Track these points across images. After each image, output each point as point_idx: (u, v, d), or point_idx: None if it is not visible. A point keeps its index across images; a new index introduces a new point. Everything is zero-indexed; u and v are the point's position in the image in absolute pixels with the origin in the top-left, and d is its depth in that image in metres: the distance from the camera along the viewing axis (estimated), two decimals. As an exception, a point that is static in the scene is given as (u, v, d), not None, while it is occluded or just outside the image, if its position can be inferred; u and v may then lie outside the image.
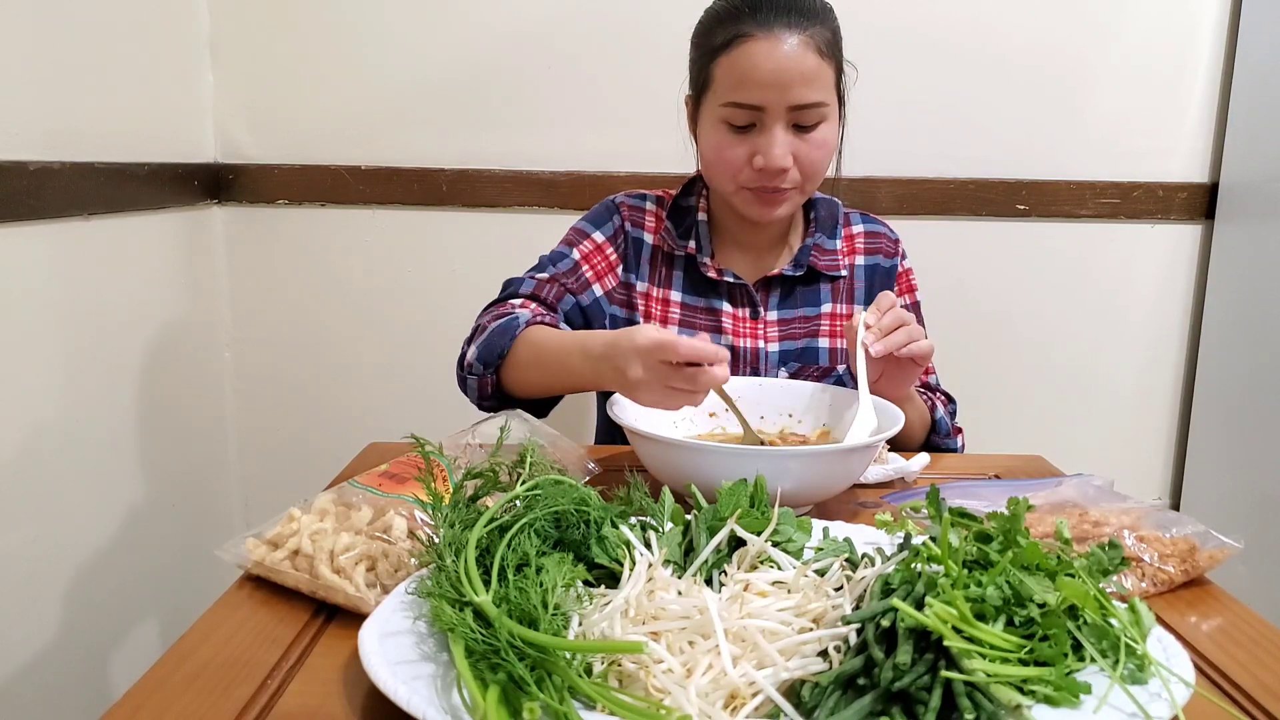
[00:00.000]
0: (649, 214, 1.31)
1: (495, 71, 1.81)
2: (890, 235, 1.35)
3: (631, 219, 1.31)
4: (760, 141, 1.13)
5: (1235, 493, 1.76)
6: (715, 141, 1.16)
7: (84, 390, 1.44)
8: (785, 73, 1.09)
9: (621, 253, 1.30)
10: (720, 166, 1.17)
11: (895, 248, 1.34)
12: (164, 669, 0.62)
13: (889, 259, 1.33)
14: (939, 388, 1.33)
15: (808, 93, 1.10)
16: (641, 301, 1.28)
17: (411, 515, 0.74)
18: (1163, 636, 0.59)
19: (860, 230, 1.34)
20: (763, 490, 0.76)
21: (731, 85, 1.12)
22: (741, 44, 1.10)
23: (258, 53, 1.80)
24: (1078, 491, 0.86)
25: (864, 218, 1.35)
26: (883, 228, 1.35)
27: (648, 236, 1.30)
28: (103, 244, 1.48)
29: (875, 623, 0.55)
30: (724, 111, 1.13)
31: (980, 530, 0.68)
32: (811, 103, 1.11)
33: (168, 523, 1.68)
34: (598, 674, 0.56)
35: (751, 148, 1.13)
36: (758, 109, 1.11)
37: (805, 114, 1.12)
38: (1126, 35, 1.81)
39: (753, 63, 1.10)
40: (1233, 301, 1.80)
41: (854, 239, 1.33)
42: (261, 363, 1.91)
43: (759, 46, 1.09)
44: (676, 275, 1.29)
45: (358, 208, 1.85)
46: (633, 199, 1.32)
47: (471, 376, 1.16)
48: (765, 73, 1.09)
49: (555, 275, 1.25)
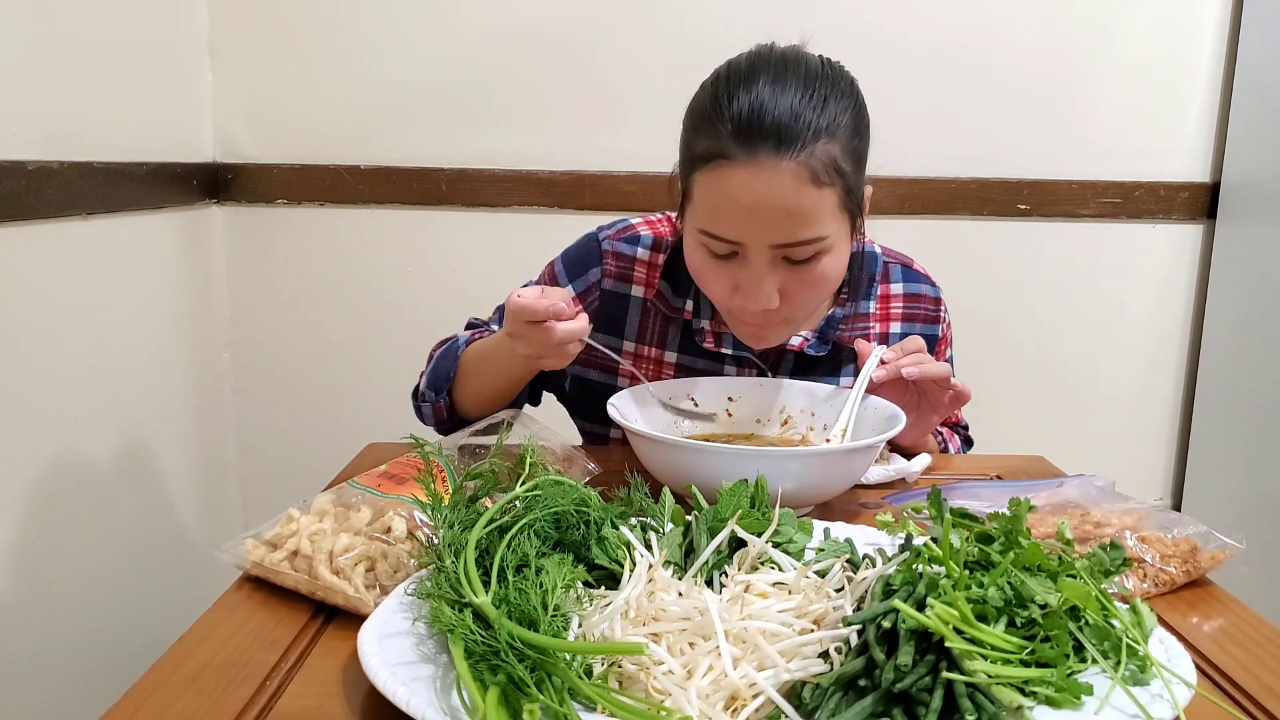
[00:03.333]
0: (639, 263, 1.13)
1: (495, 71, 1.80)
2: (931, 294, 1.17)
3: (617, 271, 1.13)
4: (742, 276, 0.95)
5: (1237, 493, 1.76)
6: (696, 263, 0.99)
7: (83, 390, 1.44)
8: (769, 210, 0.90)
9: (592, 311, 1.12)
10: (703, 286, 1.01)
11: (936, 310, 1.17)
12: (164, 669, 0.62)
13: (929, 325, 1.16)
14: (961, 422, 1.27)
15: (796, 231, 0.91)
16: (629, 362, 1.13)
17: (411, 516, 0.74)
18: (1164, 637, 0.59)
19: (900, 290, 1.15)
20: (763, 491, 0.75)
21: (707, 213, 0.93)
22: (719, 168, 0.90)
23: (258, 53, 1.80)
24: (1079, 492, 0.86)
25: (905, 273, 1.17)
26: (925, 286, 1.17)
27: (636, 290, 1.13)
28: (102, 244, 1.48)
29: (876, 624, 0.55)
30: (702, 237, 0.95)
31: (982, 531, 0.68)
32: (802, 240, 0.92)
33: (167, 523, 1.68)
34: (598, 675, 0.55)
35: (733, 279, 0.96)
36: (736, 243, 0.93)
37: (795, 251, 0.93)
38: (1128, 35, 1.81)
39: (731, 193, 0.90)
40: (1234, 301, 1.80)
41: (890, 300, 1.15)
42: (261, 363, 1.91)
43: (739, 175, 0.89)
44: (672, 333, 1.13)
45: (357, 208, 1.85)
46: (622, 243, 1.14)
47: (425, 404, 1.14)
48: (743, 207, 0.90)
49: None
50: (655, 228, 1.16)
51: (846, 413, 1.00)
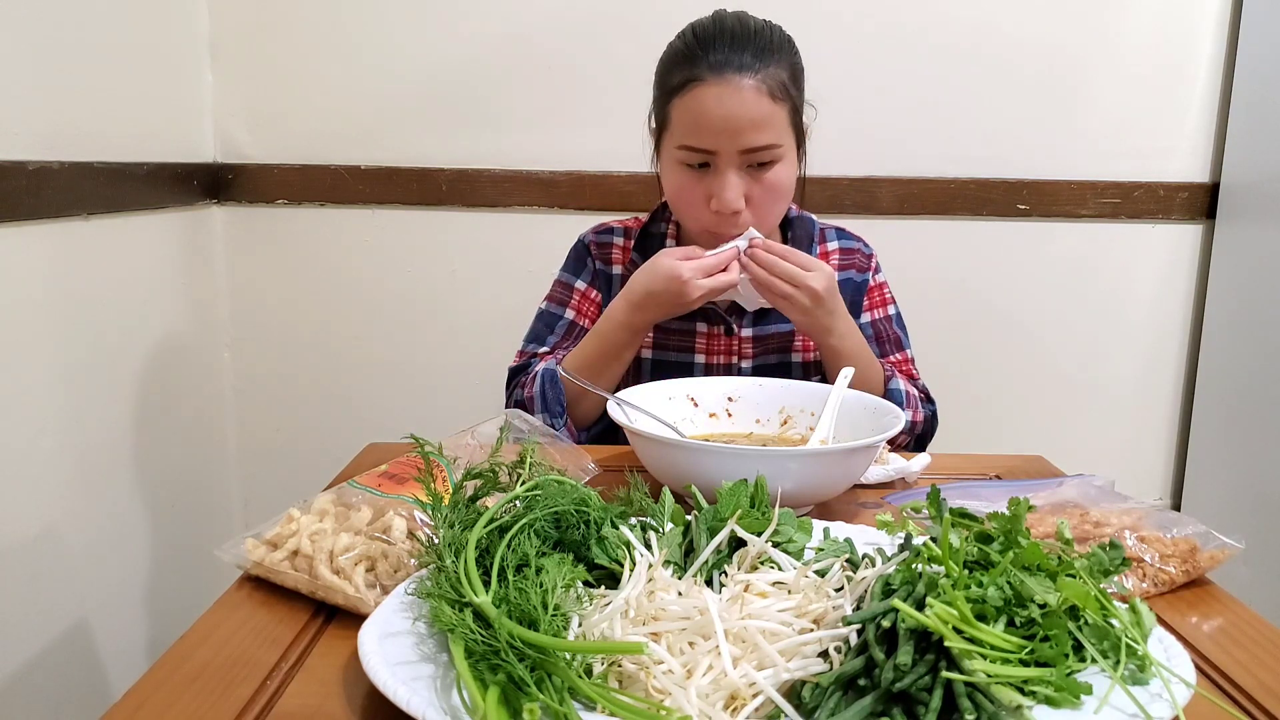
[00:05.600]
0: (616, 247, 1.34)
1: (495, 71, 1.81)
2: (864, 250, 1.35)
3: (600, 256, 1.33)
4: (715, 184, 1.15)
5: (1236, 493, 1.76)
6: (674, 181, 1.19)
7: (83, 390, 1.44)
8: (735, 119, 1.11)
9: (600, 291, 1.33)
10: (681, 207, 1.21)
11: (868, 263, 1.34)
12: (164, 669, 0.62)
13: (861, 273, 1.33)
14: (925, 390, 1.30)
15: (758, 137, 1.12)
16: None
17: (411, 516, 0.74)
18: (1164, 637, 0.59)
19: (835, 247, 1.34)
20: (763, 491, 0.75)
21: (685, 129, 1.14)
22: (693, 89, 1.12)
23: (258, 53, 1.80)
24: (1079, 492, 0.86)
25: (839, 233, 1.35)
26: (857, 243, 1.35)
27: (616, 269, 1.33)
28: (102, 244, 1.48)
29: (876, 623, 0.55)
30: (679, 153, 1.16)
31: (981, 531, 0.68)
32: (762, 145, 1.13)
33: (167, 523, 1.68)
34: (598, 675, 0.56)
35: (707, 189, 1.16)
36: (710, 153, 1.13)
37: (758, 155, 1.13)
38: (1127, 35, 1.81)
39: (704, 108, 1.12)
40: (1233, 301, 1.80)
41: (829, 256, 1.32)
42: (261, 363, 1.91)
43: (710, 92, 1.11)
44: None
45: (357, 208, 1.85)
46: (600, 235, 1.35)
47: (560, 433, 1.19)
48: (716, 118, 1.11)
49: (557, 345, 1.30)
50: (624, 223, 1.36)
51: (826, 422, 1.01)
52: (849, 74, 1.79)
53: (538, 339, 1.32)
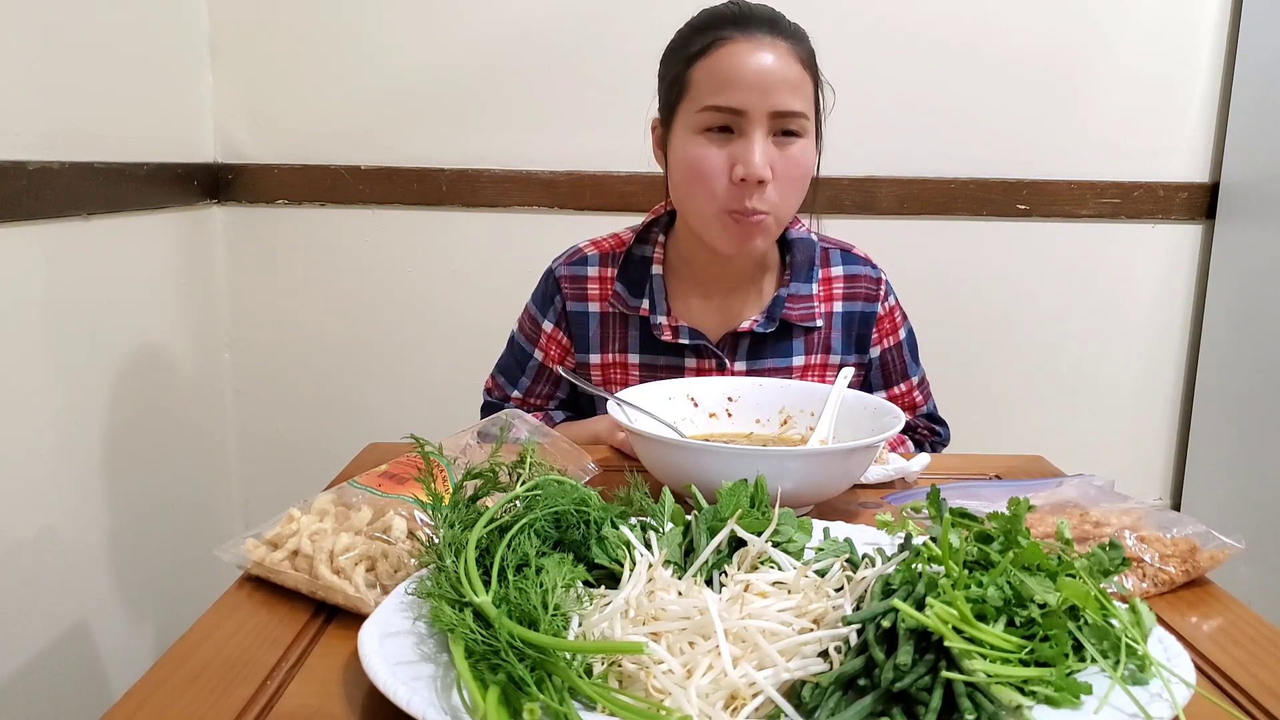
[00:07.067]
0: (590, 280, 1.23)
1: (495, 71, 1.81)
2: (872, 274, 1.24)
3: (572, 293, 1.23)
4: (739, 149, 1.05)
5: (1236, 493, 1.76)
6: (692, 154, 1.08)
7: (83, 390, 1.44)
8: (769, 75, 1.04)
9: (568, 333, 1.24)
10: (697, 183, 1.09)
11: (876, 289, 1.24)
12: (164, 669, 0.62)
13: (869, 303, 1.23)
14: (933, 414, 1.30)
15: (791, 99, 1.05)
16: (599, 373, 1.23)
17: (411, 516, 0.74)
18: (1163, 637, 0.59)
19: (840, 273, 1.23)
20: (763, 491, 0.75)
21: (712, 88, 1.06)
22: (723, 45, 1.06)
23: (258, 53, 1.80)
24: (1078, 492, 0.86)
25: (844, 256, 1.25)
26: (864, 268, 1.24)
27: (593, 306, 1.22)
28: (102, 244, 1.48)
29: (876, 623, 0.55)
30: (702, 117, 1.07)
31: (981, 531, 0.68)
32: (794, 110, 1.05)
33: (167, 523, 1.68)
34: (598, 675, 0.56)
35: (730, 157, 1.06)
36: (738, 112, 1.05)
37: (787, 121, 1.06)
38: (1127, 35, 1.81)
39: (735, 62, 1.05)
40: (1233, 301, 1.80)
41: (832, 282, 1.23)
42: (261, 363, 1.91)
43: (741, 47, 1.05)
44: (632, 336, 1.21)
45: (357, 208, 1.85)
46: (573, 266, 1.23)
47: None
48: (749, 72, 1.04)
49: (530, 389, 1.28)
50: (600, 246, 1.25)
51: (826, 422, 1.01)
52: (848, 74, 1.77)
53: (508, 375, 1.28)
